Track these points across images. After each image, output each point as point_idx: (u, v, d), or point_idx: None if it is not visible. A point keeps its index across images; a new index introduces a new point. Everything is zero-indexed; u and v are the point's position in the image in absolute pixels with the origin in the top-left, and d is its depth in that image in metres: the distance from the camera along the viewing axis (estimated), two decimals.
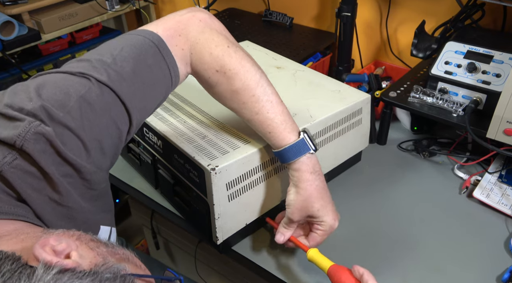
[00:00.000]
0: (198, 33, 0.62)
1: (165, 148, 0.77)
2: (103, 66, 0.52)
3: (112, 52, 0.54)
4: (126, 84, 0.53)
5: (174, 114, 0.80)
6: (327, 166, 0.87)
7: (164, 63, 0.58)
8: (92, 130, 0.49)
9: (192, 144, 0.72)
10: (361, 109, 0.86)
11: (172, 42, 0.59)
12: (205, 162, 0.67)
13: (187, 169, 0.72)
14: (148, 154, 0.85)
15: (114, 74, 0.52)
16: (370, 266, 0.74)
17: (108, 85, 0.51)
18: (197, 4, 1.58)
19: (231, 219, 0.73)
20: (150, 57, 0.56)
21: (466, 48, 0.90)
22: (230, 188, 0.70)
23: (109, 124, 0.51)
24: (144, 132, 0.82)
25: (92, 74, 0.51)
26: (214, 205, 0.69)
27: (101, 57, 0.53)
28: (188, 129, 0.76)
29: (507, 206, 0.83)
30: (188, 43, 0.61)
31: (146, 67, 0.55)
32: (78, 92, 0.49)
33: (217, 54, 0.61)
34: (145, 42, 0.57)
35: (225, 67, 0.62)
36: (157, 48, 0.57)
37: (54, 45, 1.53)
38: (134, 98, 0.54)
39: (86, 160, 0.49)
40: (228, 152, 0.69)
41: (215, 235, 0.73)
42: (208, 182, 0.67)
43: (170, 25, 0.61)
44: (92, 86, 0.50)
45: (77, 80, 0.51)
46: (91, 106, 0.49)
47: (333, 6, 1.30)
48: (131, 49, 0.55)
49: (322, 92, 0.86)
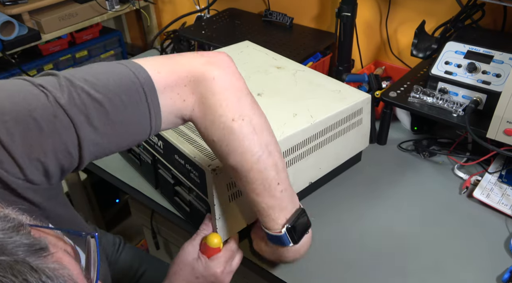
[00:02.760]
0: (207, 92, 0.55)
1: (166, 148, 0.77)
2: (68, 87, 0.47)
3: (86, 76, 0.49)
4: (86, 113, 0.47)
5: None
6: (327, 166, 0.87)
7: (145, 107, 0.51)
8: (31, 149, 0.44)
9: (192, 145, 0.72)
10: (362, 109, 0.86)
11: (173, 89, 0.53)
12: (206, 162, 0.67)
13: (187, 169, 0.72)
14: (148, 154, 0.85)
15: (78, 98, 0.47)
16: (370, 266, 0.74)
17: (64, 109, 0.46)
18: (197, 4, 1.58)
19: (231, 219, 0.73)
20: (128, 94, 0.50)
21: (466, 48, 0.90)
22: (231, 188, 0.70)
23: (57, 147, 0.46)
24: None
25: (53, 91, 0.46)
26: (215, 205, 0.69)
27: (72, 78, 0.48)
28: (188, 129, 0.76)
29: (507, 206, 0.83)
30: (193, 98, 0.55)
31: (119, 102, 0.49)
32: (28, 106, 0.44)
33: (217, 125, 0.56)
34: (129, 76, 0.50)
35: (223, 142, 0.56)
36: (142, 87, 0.50)
37: (54, 45, 1.53)
38: (92, 130, 0.48)
39: (16, 174, 0.44)
40: None
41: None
42: (209, 182, 0.67)
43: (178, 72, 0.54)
44: (47, 104, 0.45)
45: (35, 92, 0.46)
46: (38, 123, 0.44)
47: (333, 6, 1.30)
48: (108, 77, 0.49)
49: (323, 92, 0.86)
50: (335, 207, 0.86)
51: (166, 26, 1.48)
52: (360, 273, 0.73)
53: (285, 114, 0.78)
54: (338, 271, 0.73)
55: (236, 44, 1.07)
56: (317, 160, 0.82)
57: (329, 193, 0.88)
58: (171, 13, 1.77)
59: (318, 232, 0.80)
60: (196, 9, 1.54)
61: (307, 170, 0.82)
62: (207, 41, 1.27)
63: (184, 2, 1.68)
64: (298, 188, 0.82)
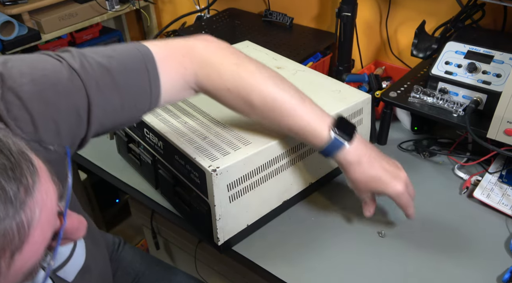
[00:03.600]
0: (203, 56, 0.63)
1: (166, 149, 0.77)
2: (80, 57, 0.53)
3: (95, 50, 0.56)
4: (96, 78, 0.53)
5: (174, 114, 0.80)
6: (329, 167, 0.87)
7: (145, 73, 0.57)
8: (48, 108, 0.49)
9: (193, 145, 0.72)
10: (362, 109, 0.86)
11: (174, 58, 0.60)
12: (206, 163, 0.67)
13: (187, 170, 0.72)
14: (149, 155, 0.85)
15: (88, 65, 0.53)
16: (369, 266, 0.74)
17: (78, 73, 0.51)
18: (197, 4, 1.58)
19: (232, 220, 0.73)
20: (130, 62, 0.57)
21: (467, 48, 0.90)
22: (231, 189, 0.70)
23: (70, 108, 0.51)
24: (145, 132, 0.81)
25: (67, 58, 0.52)
26: (215, 206, 0.69)
27: (83, 51, 0.55)
28: (188, 129, 0.76)
29: (507, 206, 0.83)
30: (193, 65, 0.62)
31: (123, 69, 0.56)
32: (45, 70, 0.50)
33: (224, 75, 0.63)
34: (132, 49, 0.58)
35: (238, 87, 0.63)
36: (142, 57, 0.57)
37: (54, 45, 1.53)
38: (100, 95, 0.53)
39: (29, 134, 0.48)
40: (229, 153, 0.69)
41: (216, 236, 0.73)
42: (209, 183, 0.67)
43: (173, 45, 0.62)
44: (62, 68, 0.51)
45: (50, 60, 0.51)
46: (55, 86, 0.50)
47: (333, 6, 1.30)
48: (114, 50, 0.57)
49: (323, 92, 0.86)
50: (334, 207, 0.86)
51: (166, 26, 1.48)
52: (360, 273, 0.73)
53: None
54: (338, 271, 0.73)
55: (236, 44, 1.07)
56: (319, 160, 0.82)
57: (328, 194, 0.88)
58: (171, 13, 1.77)
59: (317, 232, 0.80)
60: (196, 9, 1.54)
61: (309, 170, 0.82)
62: None
63: (184, 2, 1.68)
64: (299, 188, 0.82)
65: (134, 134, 0.87)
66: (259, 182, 0.73)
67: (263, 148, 0.71)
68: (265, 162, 0.72)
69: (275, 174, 0.75)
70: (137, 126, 0.84)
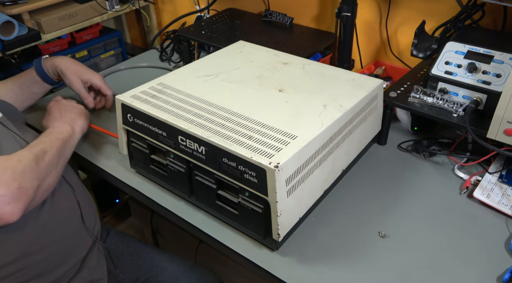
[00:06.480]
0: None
1: (210, 153, 0.74)
2: None
3: None
4: None
5: (209, 119, 0.78)
6: (354, 151, 0.91)
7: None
8: None
9: (242, 146, 0.70)
10: (377, 94, 0.90)
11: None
12: (265, 161, 0.67)
13: (240, 171, 0.71)
14: (181, 163, 0.81)
15: None
16: (369, 266, 0.74)
17: None
18: (197, 4, 1.58)
19: (288, 214, 0.73)
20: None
21: (466, 48, 0.90)
22: (288, 183, 0.70)
23: None
24: (179, 140, 0.78)
25: None
26: (277, 202, 0.69)
27: None
28: (230, 131, 0.74)
29: (507, 206, 0.83)
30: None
31: None
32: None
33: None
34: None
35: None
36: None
37: (54, 45, 1.53)
38: None
39: None
40: (281, 149, 0.69)
41: (277, 232, 0.72)
42: (271, 180, 0.67)
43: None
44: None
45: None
46: None
47: (333, 6, 1.30)
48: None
49: (339, 83, 0.90)
50: (334, 207, 0.86)
51: (166, 26, 1.48)
52: (360, 273, 0.73)
53: (316, 106, 0.81)
54: (339, 271, 0.73)
55: (232, 45, 1.08)
56: (348, 147, 0.86)
57: (329, 194, 0.88)
58: (171, 13, 1.77)
59: (319, 233, 0.80)
60: (196, 9, 1.54)
61: (341, 158, 0.85)
62: (207, 41, 1.28)
63: (184, 2, 1.68)
64: (334, 176, 0.86)
65: (163, 144, 0.82)
66: (308, 173, 0.74)
67: (311, 139, 0.72)
68: (312, 153, 0.74)
69: (320, 164, 0.77)
70: (168, 135, 0.80)
